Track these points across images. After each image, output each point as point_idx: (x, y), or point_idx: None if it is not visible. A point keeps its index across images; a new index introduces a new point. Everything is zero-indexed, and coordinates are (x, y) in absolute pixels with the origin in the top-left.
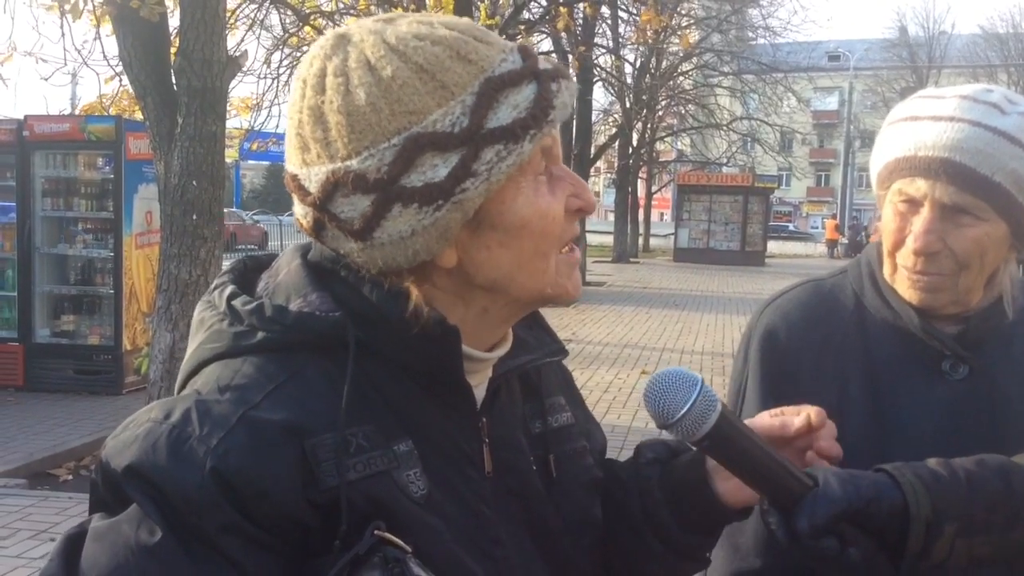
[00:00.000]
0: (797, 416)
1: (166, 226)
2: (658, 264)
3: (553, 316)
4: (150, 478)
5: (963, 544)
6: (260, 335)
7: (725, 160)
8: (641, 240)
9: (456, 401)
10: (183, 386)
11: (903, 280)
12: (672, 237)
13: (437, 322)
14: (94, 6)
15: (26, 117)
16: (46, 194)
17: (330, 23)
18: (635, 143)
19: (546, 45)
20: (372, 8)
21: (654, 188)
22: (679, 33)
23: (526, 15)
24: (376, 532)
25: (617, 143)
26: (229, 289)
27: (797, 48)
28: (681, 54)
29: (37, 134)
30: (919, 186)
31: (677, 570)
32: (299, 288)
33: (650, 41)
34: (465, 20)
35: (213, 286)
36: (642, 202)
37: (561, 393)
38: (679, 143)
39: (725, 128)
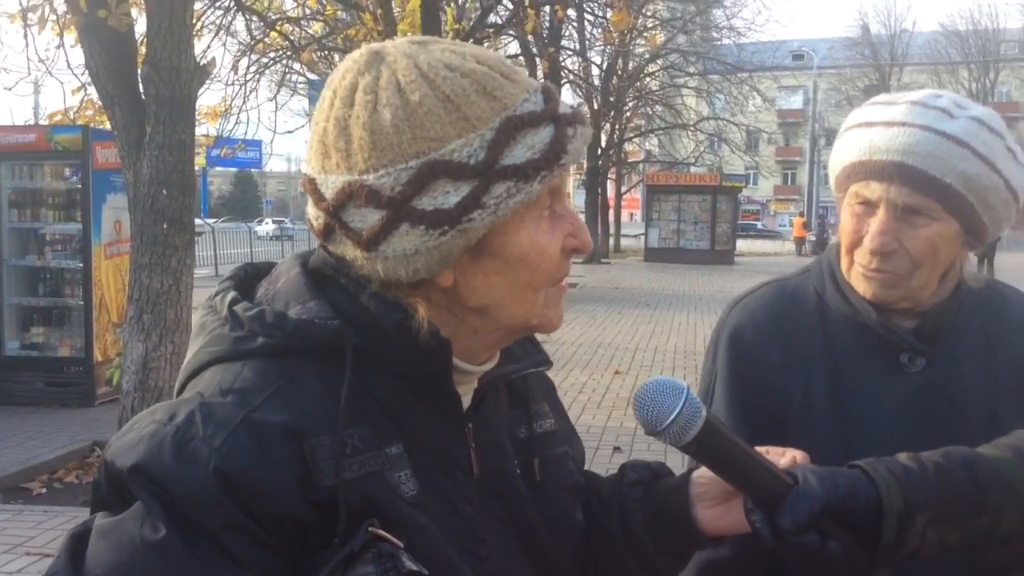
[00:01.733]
0: (783, 456)
1: (136, 235)
2: (629, 264)
3: None
4: (155, 477)
5: (934, 533)
6: (260, 340)
7: (693, 160)
8: (612, 240)
9: (445, 407)
10: (183, 388)
11: (859, 277)
12: (642, 237)
13: (432, 334)
14: (58, 16)
15: None
16: (12, 205)
17: (296, 28)
18: (603, 144)
19: (513, 48)
20: (339, 13)
21: (623, 189)
22: (645, 35)
23: (493, 18)
24: (370, 529)
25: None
26: (231, 295)
27: (761, 48)
28: (647, 55)
29: (3, 145)
30: (874, 189)
31: None
32: (298, 295)
33: (616, 43)
34: (496, 55)
35: (214, 292)
36: (612, 203)
37: (545, 400)
38: (647, 144)
39: (692, 128)
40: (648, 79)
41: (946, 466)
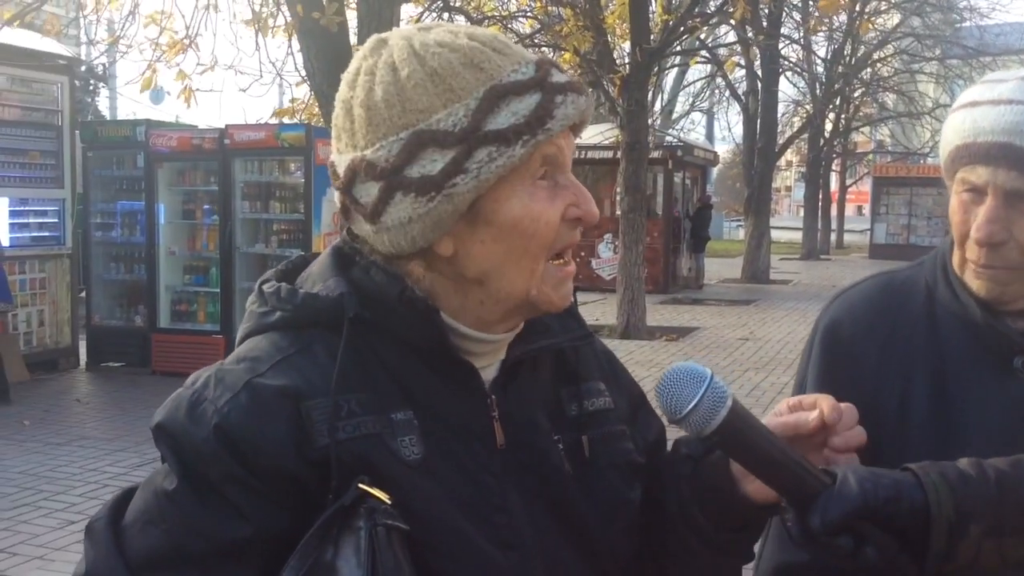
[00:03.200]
0: (811, 412)
1: (343, 226)
2: (851, 261)
3: (731, 315)
4: (171, 433)
5: (992, 545)
6: (277, 314)
7: (928, 150)
8: (834, 236)
9: (461, 378)
10: None
11: (970, 273)
12: (868, 232)
13: (421, 301)
14: (286, 22)
15: (227, 126)
16: (244, 197)
17: (503, 27)
18: (827, 135)
19: (731, 37)
20: (549, 8)
21: (849, 181)
22: (874, 18)
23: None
24: (360, 486)
25: (807, 135)
26: (266, 277)
27: (1008, 29)
28: (876, 40)
29: (237, 142)
30: (980, 173)
31: (719, 564)
32: (323, 274)
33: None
34: (490, 32)
35: (260, 278)
36: (835, 196)
37: (601, 378)
38: (877, 133)
39: (929, 115)
40: (879, 65)
41: (1011, 475)
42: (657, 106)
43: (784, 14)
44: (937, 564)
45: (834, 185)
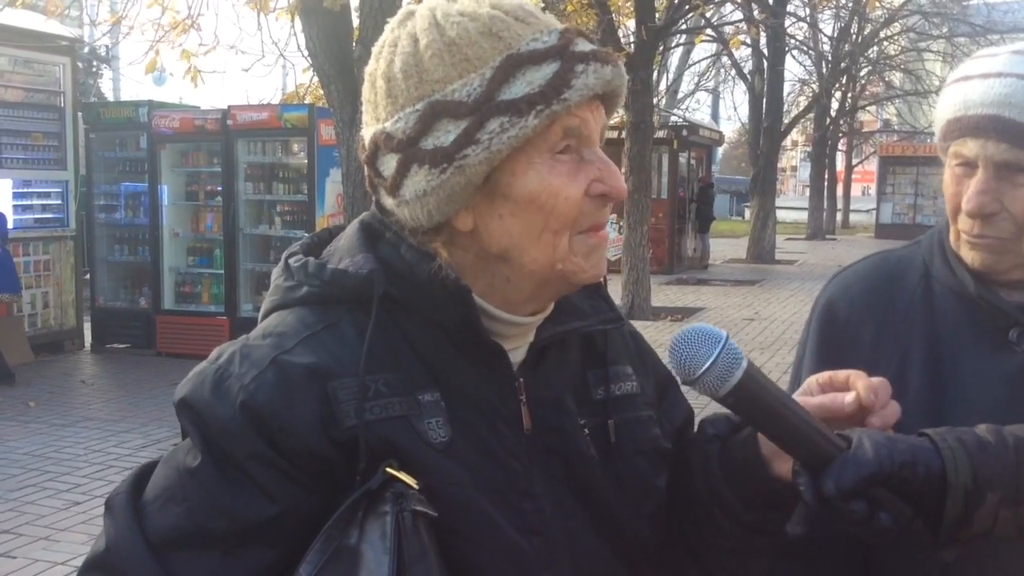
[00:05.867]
0: (847, 394)
1: (348, 207)
2: (857, 241)
3: (736, 295)
4: (196, 409)
5: (1009, 514)
6: (304, 289)
7: (935, 129)
8: (840, 216)
9: (490, 360)
10: None
11: (964, 245)
12: (874, 212)
13: (452, 280)
14: (288, 2)
15: (229, 107)
16: (248, 178)
17: None
18: (833, 114)
19: (737, 16)
20: None
21: (855, 160)
22: None
23: None
24: (387, 470)
25: (813, 114)
26: (292, 250)
27: (1016, 7)
28: (883, 18)
29: (240, 123)
30: (970, 146)
31: (750, 544)
32: (351, 249)
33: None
34: (517, 1)
35: (286, 251)
36: (841, 176)
37: (629, 363)
38: (884, 112)
39: (935, 93)
40: (886, 43)
41: None
42: (662, 85)
43: None
44: (953, 532)
45: (840, 165)
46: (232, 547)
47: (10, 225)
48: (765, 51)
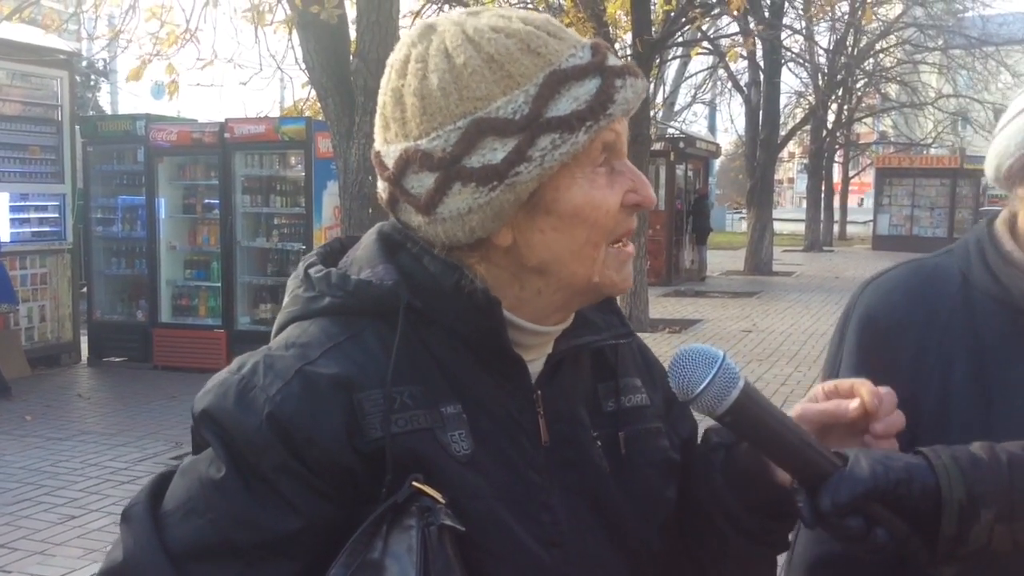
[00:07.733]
0: (851, 401)
1: (345, 219)
2: (854, 252)
3: (734, 307)
4: (219, 421)
5: (1004, 530)
6: (327, 300)
7: (931, 141)
8: (837, 227)
9: (509, 372)
10: None
11: None
12: (871, 224)
13: (482, 291)
14: (286, 15)
15: (227, 120)
16: (245, 191)
17: None
18: (829, 126)
19: (734, 28)
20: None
21: (852, 172)
22: (874, 8)
23: None
24: (414, 484)
25: (810, 126)
26: (311, 260)
27: (1011, 19)
28: (879, 30)
29: (237, 136)
30: None
31: (753, 553)
32: (371, 260)
33: (835, 16)
34: (542, 16)
35: (302, 261)
36: (838, 187)
37: (637, 375)
38: (880, 124)
39: (931, 105)
40: (881, 55)
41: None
42: (659, 98)
43: (786, 4)
44: (949, 548)
45: (837, 176)
46: (254, 559)
47: (7, 239)
48: (761, 63)
